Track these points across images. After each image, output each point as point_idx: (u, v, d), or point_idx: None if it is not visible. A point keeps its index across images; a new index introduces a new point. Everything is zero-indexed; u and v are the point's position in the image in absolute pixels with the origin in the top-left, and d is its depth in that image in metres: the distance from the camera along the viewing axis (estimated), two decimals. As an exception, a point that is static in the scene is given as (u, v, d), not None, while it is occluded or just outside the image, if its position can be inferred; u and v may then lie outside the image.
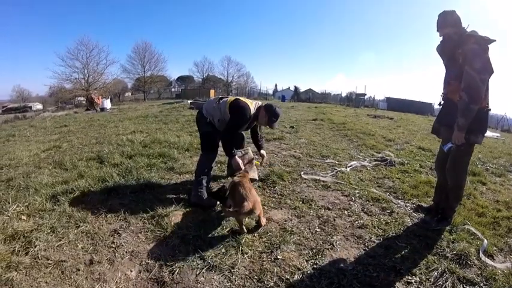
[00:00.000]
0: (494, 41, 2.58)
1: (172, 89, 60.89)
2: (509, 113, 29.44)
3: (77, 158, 5.02)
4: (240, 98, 3.50)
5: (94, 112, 18.68)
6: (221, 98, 3.57)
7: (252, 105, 3.47)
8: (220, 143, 3.49)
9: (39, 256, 2.32)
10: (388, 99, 33.97)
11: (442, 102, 3.06)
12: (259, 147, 3.89)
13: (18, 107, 36.74)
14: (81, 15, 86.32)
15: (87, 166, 4.54)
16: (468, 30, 2.73)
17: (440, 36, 2.91)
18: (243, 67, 56.75)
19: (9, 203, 3.11)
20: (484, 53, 2.60)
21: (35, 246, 2.40)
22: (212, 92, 37.89)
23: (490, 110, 2.76)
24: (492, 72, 2.62)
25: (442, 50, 2.96)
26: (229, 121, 3.35)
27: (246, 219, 2.86)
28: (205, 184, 3.39)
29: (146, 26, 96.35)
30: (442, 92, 3.03)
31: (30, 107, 36.44)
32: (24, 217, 2.91)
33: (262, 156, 3.89)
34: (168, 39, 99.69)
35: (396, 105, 29.72)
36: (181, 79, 63.99)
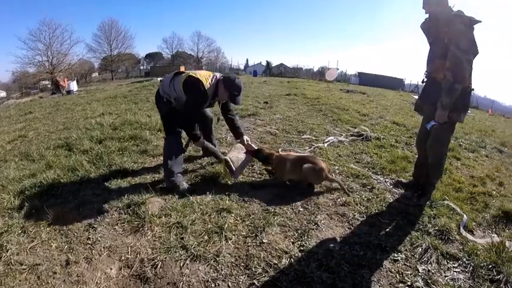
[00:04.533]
0: (480, 21, 2.56)
1: (141, 67, 58.60)
2: (477, 90, 30.71)
3: (44, 147, 4.77)
4: (192, 73, 3.13)
5: (60, 96, 18.01)
6: (176, 74, 3.23)
7: (208, 80, 3.10)
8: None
9: (12, 261, 2.15)
10: (360, 74, 34.46)
11: (425, 80, 3.03)
12: (237, 133, 3.55)
13: (-20, 96, 34.23)
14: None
15: (55, 155, 4.30)
16: (454, 10, 2.68)
17: (426, 13, 2.85)
18: (213, 42, 54.83)
19: (-24, 204, 2.87)
20: (470, 33, 2.58)
21: (7, 251, 2.24)
22: (182, 68, 36.87)
23: (473, 89, 2.77)
24: (477, 53, 2.62)
25: (427, 28, 2.92)
26: (185, 100, 3.07)
27: None
28: (176, 171, 3.18)
29: (110, 3, 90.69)
30: (426, 70, 3.00)
31: (-6, 95, 34.11)
32: (-7, 218, 2.69)
33: (243, 143, 3.55)
34: (134, 15, 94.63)
35: (368, 80, 30.31)
36: (150, 56, 61.59)
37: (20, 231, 2.48)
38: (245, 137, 3.56)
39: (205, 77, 3.11)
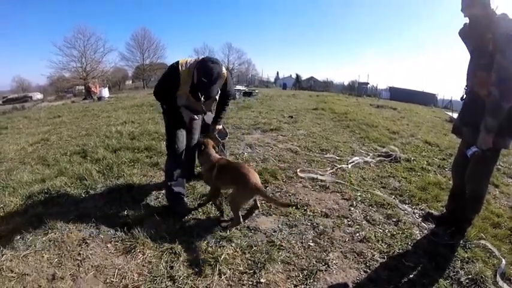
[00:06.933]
0: None
1: (174, 77, 60.29)
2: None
3: (61, 152, 4.85)
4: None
5: (91, 101, 18.55)
6: None
7: (186, 61, 2.66)
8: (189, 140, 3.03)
9: (4, 267, 2.15)
10: (391, 89, 33.38)
11: (465, 96, 2.56)
12: (215, 118, 3.17)
13: (18, 97, 36.18)
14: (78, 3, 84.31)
15: (69, 161, 4.33)
16: (497, 12, 2.23)
17: (465, 17, 2.40)
18: (244, 54, 55.45)
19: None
20: None
21: (3, 255, 2.27)
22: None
23: None
24: None
25: (467, 34, 2.47)
26: None
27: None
28: (176, 191, 2.91)
29: (144, 11, 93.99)
30: (466, 84, 2.53)
31: (31, 97, 35.82)
32: (-3, 221, 2.77)
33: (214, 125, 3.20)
34: (167, 25, 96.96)
35: (399, 95, 29.06)
36: (182, 67, 63.36)
37: (18, 237, 2.47)
38: (218, 126, 3.20)
39: (186, 59, 2.69)
